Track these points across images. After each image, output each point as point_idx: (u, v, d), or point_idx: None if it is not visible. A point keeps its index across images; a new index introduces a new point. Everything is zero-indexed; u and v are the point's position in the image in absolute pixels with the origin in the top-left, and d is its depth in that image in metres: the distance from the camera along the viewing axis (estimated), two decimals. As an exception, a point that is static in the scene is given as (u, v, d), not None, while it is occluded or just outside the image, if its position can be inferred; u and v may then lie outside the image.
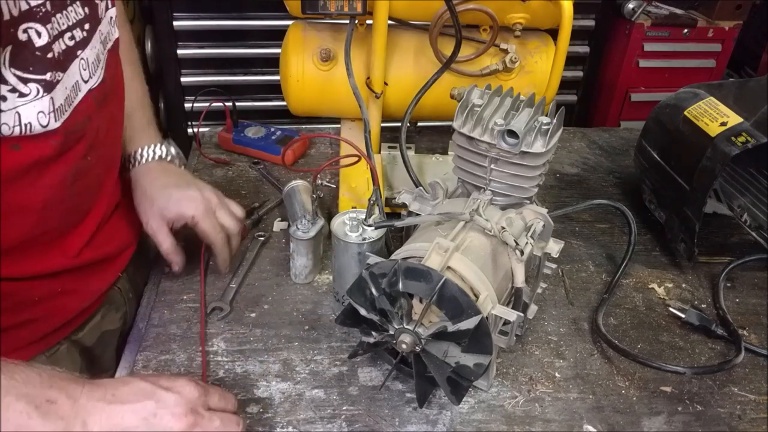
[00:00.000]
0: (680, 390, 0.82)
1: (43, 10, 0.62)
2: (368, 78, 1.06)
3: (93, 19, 0.72)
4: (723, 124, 0.95)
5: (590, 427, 0.76)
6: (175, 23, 2.11)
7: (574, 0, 0.98)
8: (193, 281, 0.94)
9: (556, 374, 0.83)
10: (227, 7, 2.16)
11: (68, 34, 0.67)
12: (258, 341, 0.85)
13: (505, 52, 1.07)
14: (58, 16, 0.65)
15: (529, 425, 0.76)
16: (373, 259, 0.72)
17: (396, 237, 0.97)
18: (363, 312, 0.72)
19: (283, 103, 1.16)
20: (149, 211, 0.89)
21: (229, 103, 1.22)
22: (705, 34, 2.44)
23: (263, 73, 2.24)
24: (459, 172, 0.83)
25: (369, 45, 1.03)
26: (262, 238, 1.03)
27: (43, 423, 0.56)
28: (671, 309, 0.93)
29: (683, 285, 1.01)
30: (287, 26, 1.13)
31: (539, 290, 0.87)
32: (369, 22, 1.02)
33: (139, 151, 0.92)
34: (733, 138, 0.92)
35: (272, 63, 1.23)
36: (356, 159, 0.87)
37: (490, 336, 0.68)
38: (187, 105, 2.23)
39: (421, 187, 0.86)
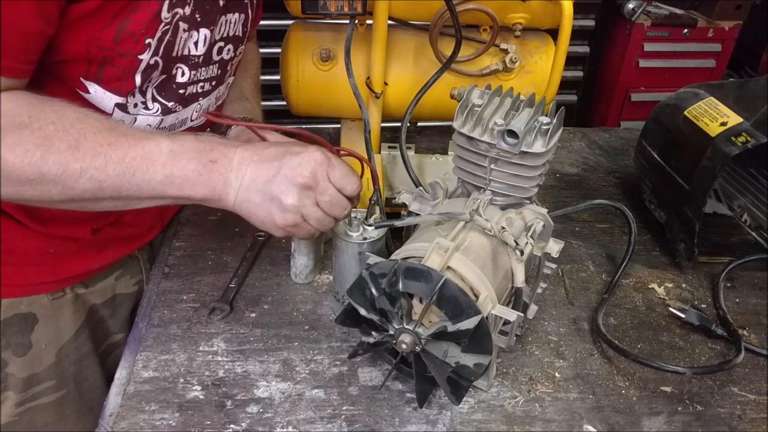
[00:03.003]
0: (680, 390, 0.82)
1: (195, 60, 0.80)
2: (368, 78, 1.06)
3: (219, 81, 0.88)
4: (723, 124, 0.95)
5: (590, 427, 0.77)
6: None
7: (574, 0, 0.98)
8: (192, 281, 0.94)
9: (556, 374, 0.83)
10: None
11: (201, 84, 0.84)
12: (258, 341, 0.85)
13: (505, 52, 1.07)
14: (203, 68, 0.82)
15: (529, 425, 0.76)
16: (373, 259, 0.72)
17: (396, 237, 0.97)
18: (363, 312, 0.72)
19: (283, 103, 1.16)
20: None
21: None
22: (705, 34, 2.44)
23: (263, 73, 2.24)
24: (459, 172, 0.83)
25: (369, 45, 1.03)
26: (262, 238, 1.03)
27: (209, 177, 0.70)
28: (671, 309, 0.93)
29: (683, 285, 1.01)
30: (287, 26, 1.13)
31: (539, 290, 0.87)
32: (369, 22, 1.02)
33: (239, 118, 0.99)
34: (733, 138, 0.92)
35: (272, 63, 1.23)
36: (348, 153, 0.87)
37: (490, 336, 0.68)
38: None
39: (421, 187, 0.86)
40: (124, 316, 0.98)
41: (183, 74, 0.79)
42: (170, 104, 0.80)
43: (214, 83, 0.87)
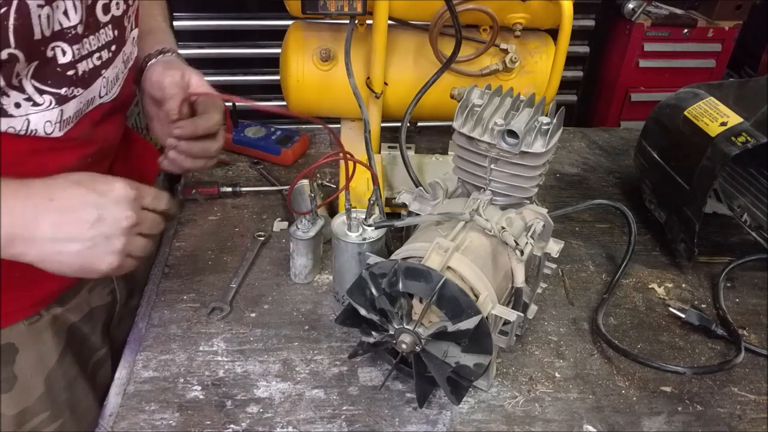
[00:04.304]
0: (680, 390, 0.82)
1: (74, 32, 0.67)
2: (368, 78, 1.06)
3: (119, 41, 0.76)
4: (723, 124, 0.95)
5: (590, 427, 0.76)
6: (174, 23, 2.11)
7: (574, 0, 0.98)
8: (192, 281, 0.94)
9: (556, 374, 0.83)
10: (227, 7, 2.16)
11: (96, 55, 0.72)
12: (258, 341, 0.85)
13: (505, 52, 1.07)
14: (90, 38, 0.70)
15: (529, 425, 0.76)
16: (373, 259, 0.72)
17: (396, 237, 0.97)
18: (363, 312, 0.72)
19: (283, 103, 1.16)
20: (164, 78, 0.83)
21: (229, 103, 1.22)
22: (705, 34, 2.44)
23: (263, 73, 2.25)
24: (459, 172, 0.83)
25: (369, 45, 1.03)
26: (262, 238, 1.03)
27: None
28: (671, 309, 0.93)
29: (683, 285, 1.01)
30: (287, 26, 1.13)
31: (539, 290, 0.87)
32: (369, 22, 1.02)
33: (155, 53, 0.88)
34: (733, 138, 0.92)
35: (272, 63, 1.23)
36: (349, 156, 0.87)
37: (490, 336, 0.68)
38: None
39: (421, 187, 0.86)
40: (103, 329, 0.93)
41: (64, 53, 0.67)
42: (63, 91, 0.69)
43: (113, 48, 0.75)
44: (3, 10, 0.57)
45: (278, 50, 1.13)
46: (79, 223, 0.64)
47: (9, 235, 0.61)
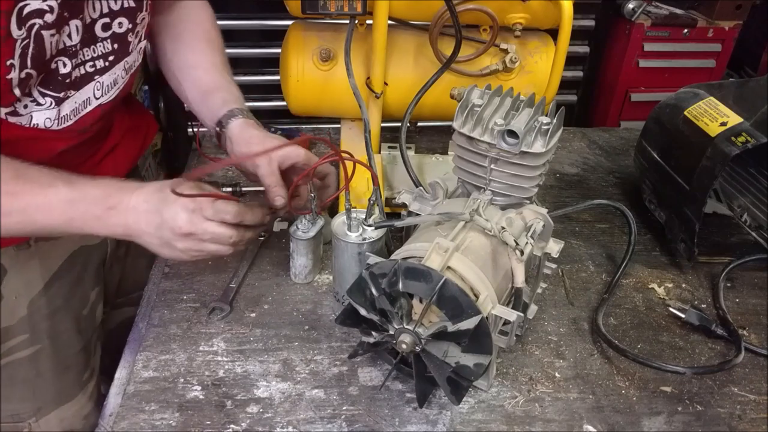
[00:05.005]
0: (680, 390, 0.82)
1: (74, 49, 0.77)
2: (368, 78, 1.06)
3: (121, 53, 0.85)
4: (723, 124, 0.95)
5: (590, 427, 0.77)
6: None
7: (574, 0, 0.98)
8: (192, 281, 0.94)
9: (556, 374, 0.83)
10: (227, 8, 2.16)
11: (90, 63, 0.81)
12: (258, 341, 0.85)
13: (505, 52, 1.07)
14: (84, 49, 0.79)
15: (529, 425, 0.76)
16: (373, 259, 0.72)
17: (396, 237, 0.97)
18: (363, 312, 0.72)
19: (283, 103, 1.16)
20: (258, 170, 0.88)
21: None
22: (705, 34, 2.44)
23: (263, 73, 2.24)
24: (459, 172, 0.83)
25: (369, 45, 1.03)
26: (262, 238, 1.03)
27: (107, 222, 0.76)
28: (671, 309, 0.93)
29: (683, 285, 1.01)
30: (287, 26, 1.13)
31: (539, 290, 0.87)
32: (369, 22, 1.02)
33: (231, 113, 0.94)
34: (733, 138, 0.92)
35: (272, 63, 1.23)
36: (348, 156, 0.87)
37: (490, 336, 0.68)
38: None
39: (421, 187, 0.86)
40: (94, 271, 0.98)
41: (65, 65, 0.77)
42: (61, 94, 0.79)
43: (111, 58, 0.83)
44: (26, 42, 0.69)
45: (278, 50, 1.13)
46: (152, 225, 0.77)
47: (128, 227, 0.77)
